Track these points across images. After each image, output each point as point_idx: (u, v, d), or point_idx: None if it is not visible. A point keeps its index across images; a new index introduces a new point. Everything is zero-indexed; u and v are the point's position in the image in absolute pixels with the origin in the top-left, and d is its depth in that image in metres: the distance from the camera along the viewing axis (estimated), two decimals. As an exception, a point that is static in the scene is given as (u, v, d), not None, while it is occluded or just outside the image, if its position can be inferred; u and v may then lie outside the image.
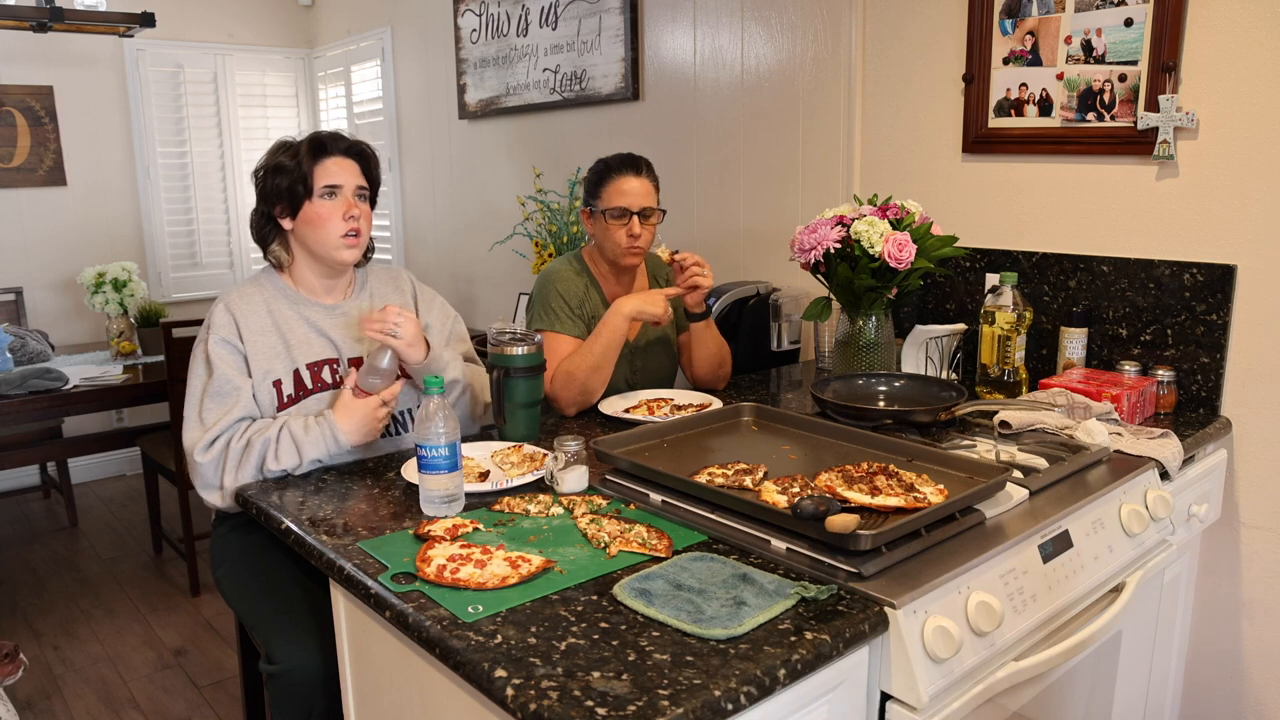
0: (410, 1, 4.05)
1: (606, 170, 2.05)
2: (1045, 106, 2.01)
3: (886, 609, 1.06)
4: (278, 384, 1.68)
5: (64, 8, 3.29)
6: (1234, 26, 1.73)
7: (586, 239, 2.18)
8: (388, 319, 1.63)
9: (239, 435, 1.59)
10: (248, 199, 4.71)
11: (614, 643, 0.99)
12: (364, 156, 1.77)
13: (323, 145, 1.71)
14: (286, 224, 1.73)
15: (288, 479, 1.57)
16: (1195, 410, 1.85)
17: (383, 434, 1.76)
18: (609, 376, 1.94)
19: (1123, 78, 1.87)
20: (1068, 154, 1.99)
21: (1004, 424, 1.66)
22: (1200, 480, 1.72)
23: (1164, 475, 1.57)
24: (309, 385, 1.70)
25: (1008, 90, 2.06)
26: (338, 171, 1.71)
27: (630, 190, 2.02)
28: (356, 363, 1.77)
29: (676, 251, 2.00)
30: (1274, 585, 1.85)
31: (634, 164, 2.05)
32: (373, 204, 1.79)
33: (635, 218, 2.01)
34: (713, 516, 1.30)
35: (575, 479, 1.45)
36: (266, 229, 1.76)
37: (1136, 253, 1.91)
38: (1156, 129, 1.82)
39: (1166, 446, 1.58)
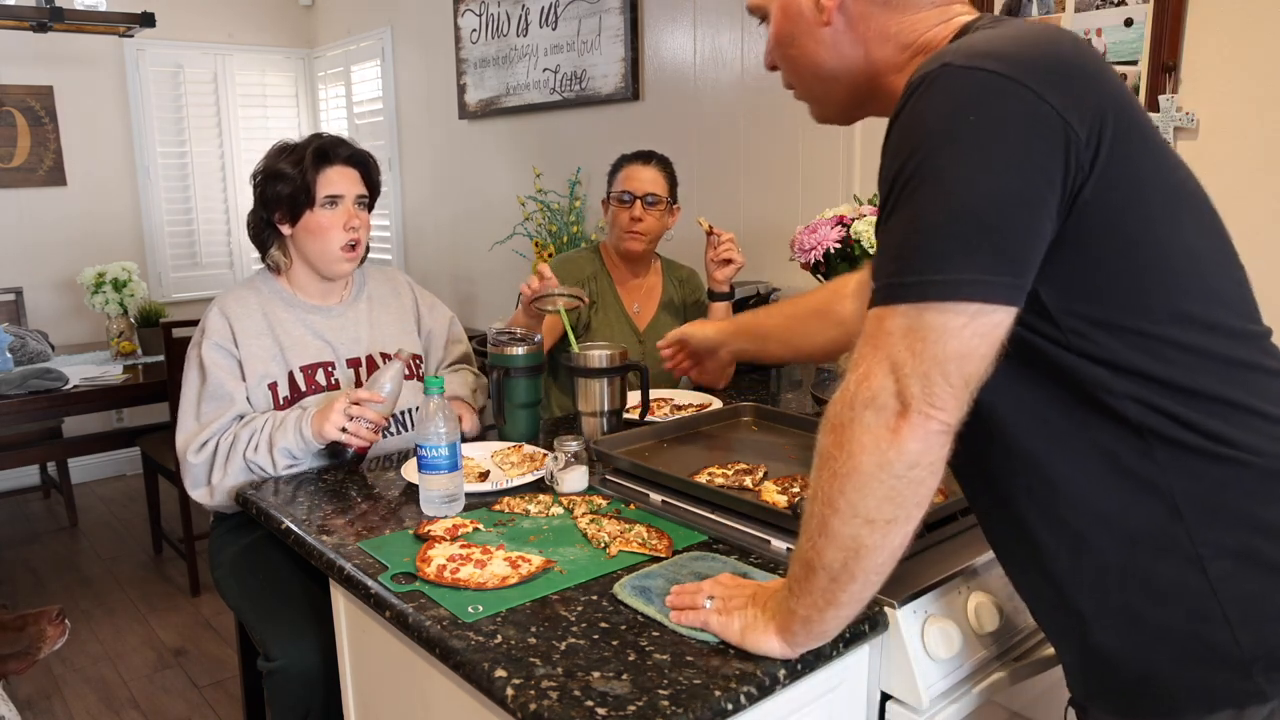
0: (410, 1, 4.05)
1: (622, 161, 2.19)
2: (1045, 106, 2.00)
3: (886, 609, 1.06)
4: (273, 386, 1.68)
5: (64, 8, 3.29)
6: (1234, 26, 1.73)
7: (604, 229, 2.26)
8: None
9: (228, 434, 1.60)
10: (247, 199, 4.69)
11: (614, 643, 0.99)
12: (365, 164, 1.77)
13: (325, 154, 1.71)
14: (285, 230, 1.73)
15: (287, 480, 1.57)
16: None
17: (383, 434, 1.76)
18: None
19: (1123, 78, 1.87)
20: (1068, 154, 1.99)
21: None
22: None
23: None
24: (302, 388, 1.71)
25: (1008, 90, 2.06)
26: (339, 181, 1.71)
27: (637, 177, 2.12)
28: (354, 363, 1.77)
29: (714, 226, 2.09)
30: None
31: (645, 156, 2.17)
32: (370, 209, 1.80)
33: (638, 202, 2.10)
34: (713, 516, 1.30)
35: (575, 479, 1.44)
36: (265, 233, 1.75)
37: (1136, 253, 1.91)
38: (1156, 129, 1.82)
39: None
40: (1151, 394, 0.80)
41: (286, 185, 1.68)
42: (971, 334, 0.76)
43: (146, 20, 3.43)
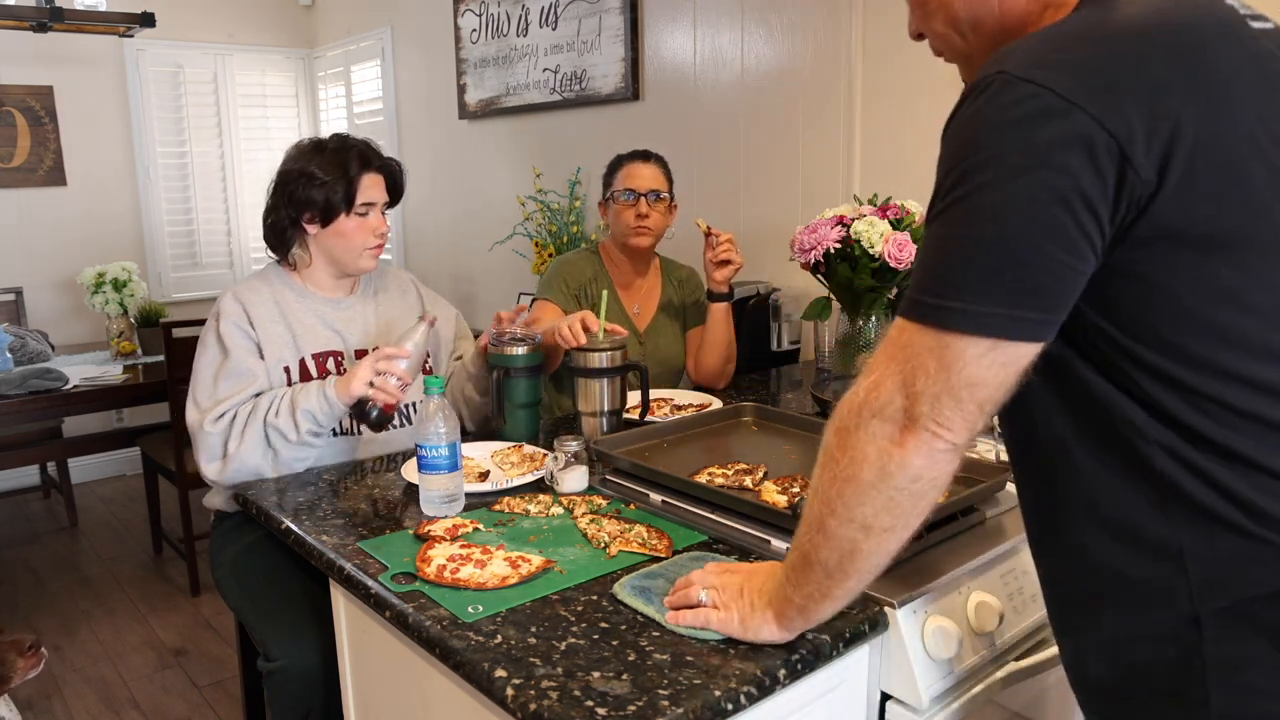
0: (410, 1, 4.05)
1: (619, 161, 2.19)
2: (1045, 106, 2.00)
3: (886, 608, 1.06)
4: (288, 370, 1.70)
5: (64, 8, 3.29)
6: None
7: (603, 230, 2.27)
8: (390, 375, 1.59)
9: (248, 404, 1.60)
10: (248, 199, 4.75)
11: (614, 643, 0.99)
12: (392, 172, 1.80)
13: (367, 161, 1.72)
14: (313, 230, 1.73)
15: (288, 479, 1.57)
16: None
17: (388, 428, 1.76)
18: None
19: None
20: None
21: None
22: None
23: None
24: (314, 375, 1.71)
25: (1008, 90, 2.06)
26: (373, 189, 1.73)
27: (638, 174, 2.13)
28: (361, 355, 1.77)
29: (712, 227, 2.09)
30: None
31: (644, 154, 2.18)
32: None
33: (643, 199, 2.11)
34: (713, 516, 1.30)
35: (575, 479, 1.44)
36: (290, 232, 1.75)
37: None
38: None
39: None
40: (1185, 448, 0.74)
41: (320, 190, 1.68)
42: (990, 363, 0.74)
43: (146, 20, 3.44)
